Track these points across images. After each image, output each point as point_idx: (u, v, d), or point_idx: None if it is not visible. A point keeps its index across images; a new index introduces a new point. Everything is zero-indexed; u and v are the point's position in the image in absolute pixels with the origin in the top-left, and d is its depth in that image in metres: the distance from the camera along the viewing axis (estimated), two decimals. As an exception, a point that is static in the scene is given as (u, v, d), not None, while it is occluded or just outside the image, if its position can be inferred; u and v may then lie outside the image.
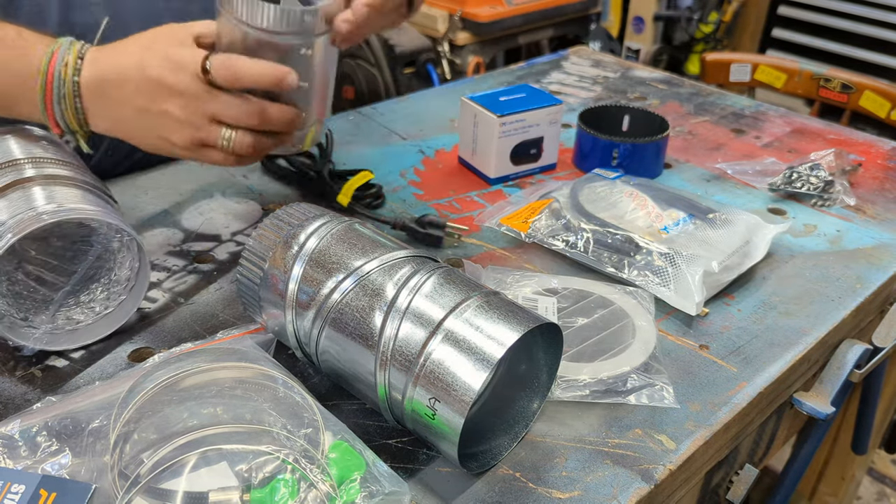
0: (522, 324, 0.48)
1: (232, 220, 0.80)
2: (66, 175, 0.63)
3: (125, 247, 0.63)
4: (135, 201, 0.82)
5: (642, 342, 0.61)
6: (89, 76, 0.63)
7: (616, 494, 0.50)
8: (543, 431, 0.55)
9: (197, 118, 0.64)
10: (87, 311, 0.62)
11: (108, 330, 0.62)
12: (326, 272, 0.53)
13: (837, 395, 0.70)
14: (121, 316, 0.63)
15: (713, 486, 0.66)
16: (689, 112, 1.11)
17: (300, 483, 0.44)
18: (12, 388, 0.57)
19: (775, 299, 0.70)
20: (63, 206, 0.58)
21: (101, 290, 0.63)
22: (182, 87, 0.62)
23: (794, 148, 1.00)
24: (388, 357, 0.48)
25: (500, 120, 0.84)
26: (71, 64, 0.63)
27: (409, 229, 0.76)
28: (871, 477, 1.71)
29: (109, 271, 0.63)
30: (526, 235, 0.76)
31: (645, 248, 0.70)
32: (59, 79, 0.63)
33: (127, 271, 0.63)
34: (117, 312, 0.63)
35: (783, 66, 1.56)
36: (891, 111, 1.43)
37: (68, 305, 0.62)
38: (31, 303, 0.61)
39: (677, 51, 3.02)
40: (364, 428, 0.54)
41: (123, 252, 0.63)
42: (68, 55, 0.63)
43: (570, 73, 1.25)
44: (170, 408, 0.48)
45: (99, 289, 0.63)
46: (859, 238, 0.80)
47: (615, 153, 0.88)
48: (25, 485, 0.44)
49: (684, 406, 0.57)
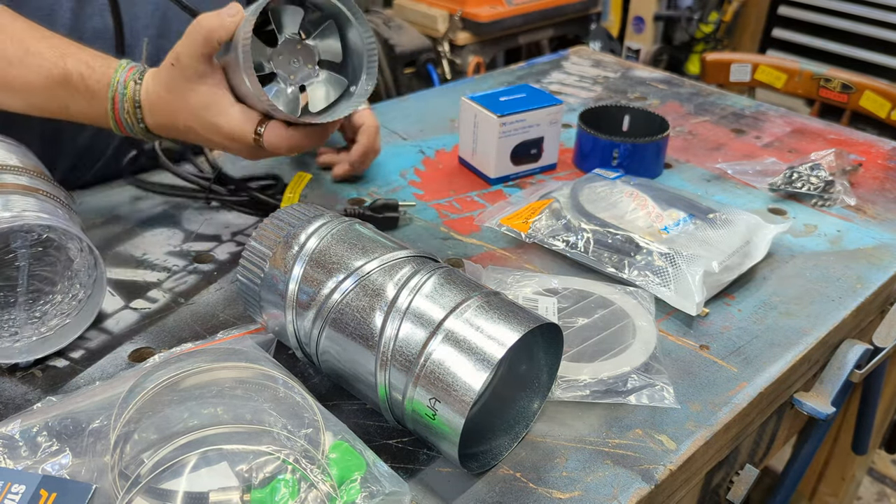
0: (523, 324, 0.47)
1: (232, 220, 0.80)
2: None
3: (54, 234, 0.61)
4: (135, 201, 0.82)
5: (643, 342, 0.61)
6: (152, 124, 0.68)
7: (616, 494, 0.50)
8: (544, 431, 0.55)
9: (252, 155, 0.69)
10: (66, 301, 0.61)
11: (92, 315, 0.62)
12: (327, 272, 0.53)
13: (838, 395, 0.70)
14: (98, 296, 0.62)
15: (713, 486, 0.66)
16: (690, 112, 1.11)
17: (300, 483, 0.44)
18: (12, 388, 0.57)
19: (776, 299, 0.70)
20: None
21: (66, 275, 0.62)
22: (236, 149, 0.67)
23: (795, 148, 1.00)
24: (389, 357, 0.48)
25: (500, 120, 0.84)
26: (131, 113, 0.67)
27: (366, 217, 0.76)
28: (872, 477, 1.70)
29: (62, 258, 0.62)
30: (526, 235, 0.76)
31: (645, 248, 0.70)
32: (127, 123, 0.67)
33: (76, 253, 0.62)
34: (94, 294, 0.62)
35: (783, 66, 1.56)
36: (891, 111, 1.43)
37: (42, 307, 0.61)
38: (6, 321, 0.60)
39: (677, 51, 3.02)
40: (364, 428, 0.54)
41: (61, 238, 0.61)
42: (126, 103, 0.66)
43: (571, 73, 1.25)
44: (170, 408, 0.48)
45: (63, 276, 0.62)
46: (860, 238, 0.80)
47: (615, 153, 0.88)
48: (26, 485, 0.44)
49: (685, 406, 0.57)
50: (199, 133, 0.66)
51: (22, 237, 0.61)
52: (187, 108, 0.65)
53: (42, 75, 0.66)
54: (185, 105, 0.65)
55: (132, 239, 0.76)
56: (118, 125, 0.67)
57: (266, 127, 0.64)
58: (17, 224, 0.57)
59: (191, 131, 0.66)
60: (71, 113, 0.68)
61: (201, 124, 0.65)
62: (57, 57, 0.66)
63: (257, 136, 0.64)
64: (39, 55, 0.66)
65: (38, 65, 0.66)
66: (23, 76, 0.66)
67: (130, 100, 0.66)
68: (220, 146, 0.67)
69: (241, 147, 0.66)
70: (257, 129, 0.64)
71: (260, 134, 0.64)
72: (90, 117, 0.68)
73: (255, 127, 0.64)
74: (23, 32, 0.67)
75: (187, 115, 0.65)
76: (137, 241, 0.75)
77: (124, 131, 0.68)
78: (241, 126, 0.64)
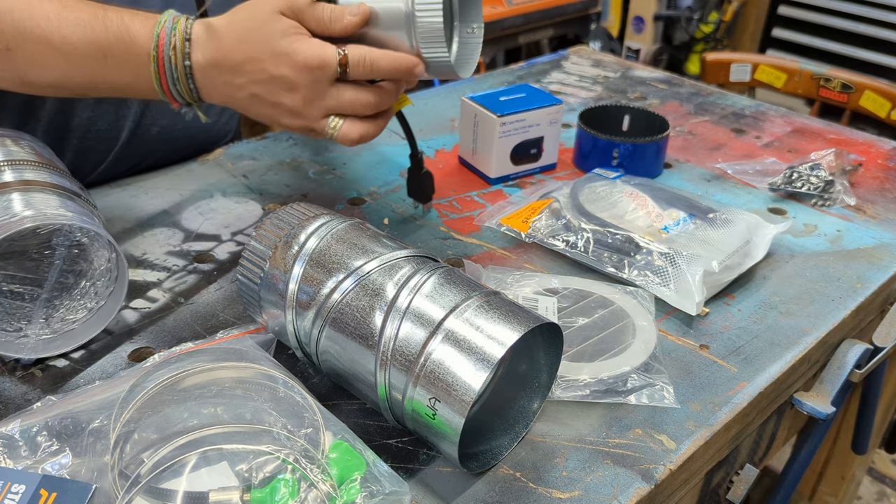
0: (523, 324, 0.47)
1: (232, 220, 0.80)
2: (15, 180, 0.62)
3: (94, 240, 0.62)
4: (135, 201, 0.82)
5: (642, 342, 0.61)
6: (200, 60, 0.64)
7: (616, 494, 0.50)
8: (544, 431, 0.55)
9: (311, 111, 0.65)
10: (80, 307, 0.62)
11: (101, 325, 0.62)
12: (327, 272, 0.53)
13: (838, 395, 0.70)
14: (113, 307, 0.62)
15: (713, 486, 0.66)
16: (690, 112, 1.11)
17: (300, 483, 0.44)
18: (12, 388, 0.57)
19: (775, 299, 0.70)
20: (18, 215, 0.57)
21: (85, 283, 0.62)
22: (304, 84, 0.63)
23: (795, 148, 1.00)
24: (389, 357, 0.48)
25: (500, 120, 0.84)
26: (179, 48, 0.63)
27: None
28: (871, 477, 1.71)
29: (89, 264, 0.63)
30: (526, 235, 0.76)
31: (645, 247, 0.70)
32: (170, 63, 0.64)
33: (104, 262, 0.62)
34: (109, 304, 0.62)
35: (783, 66, 1.56)
36: (891, 111, 1.43)
37: (56, 308, 0.61)
38: (18, 316, 0.60)
39: (677, 50, 3.02)
40: (364, 428, 0.54)
41: (95, 245, 0.62)
42: (174, 37, 0.63)
43: (571, 72, 1.25)
44: (170, 408, 0.48)
45: (83, 282, 0.62)
46: (859, 238, 0.80)
47: (615, 153, 0.88)
48: (26, 485, 0.44)
49: (684, 406, 0.57)
50: (263, 66, 0.62)
51: (64, 236, 0.61)
52: (258, 35, 0.62)
53: (81, 27, 0.63)
54: (254, 32, 0.62)
55: (132, 238, 0.76)
56: (158, 68, 0.64)
57: (348, 46, 0.62)
58: (75, 223, 0.58)
59: (248, 66, 0.63)
60: (108, 67, 0.65)
61: (272, 52, 0.62)
62: (97, 9, 0.64)
63: (342, 54, 0.62)
64: (78, 9, 0.64)
65: (76, 18, 0.64)
66: (61, 31, 0.64)
67: (180, 33, 0.63)
68: (283, 85, 0.63)
69: (315, 82, 0.62)
70: (341, 48, 0.62)
71: (345, 53, 0.62)
72: (128, 68, 0.65)
73: (337, 47, 0.62)
74: None
75: (254, 45, 0.62)
76: (137, 241, 0.75)
77: (163, 78, 0.64)
78: (321, 48, 0.62)
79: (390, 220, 0.81)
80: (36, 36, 0.64)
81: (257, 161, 0.92)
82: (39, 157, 0.67)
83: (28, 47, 0.64)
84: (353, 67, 0.63)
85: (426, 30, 0.63)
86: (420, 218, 0.81)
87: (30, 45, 0.64)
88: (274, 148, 0.95)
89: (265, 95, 0.64)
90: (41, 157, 0.67)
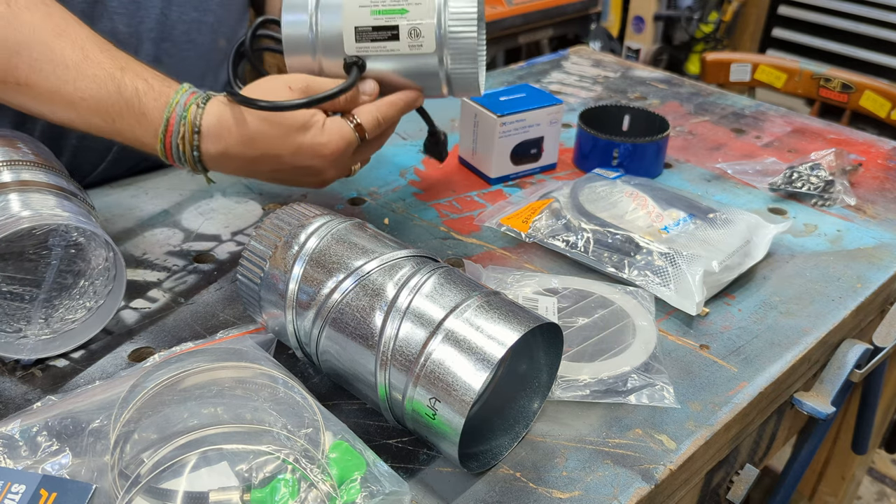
0: (523, 324, 0.47)
1: (232, 220, 0.80)
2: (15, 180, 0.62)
3: (90, 239, 0.62)
4: (135, 201, 0.82)
5: (643, 342, 0.61)
6: (211, 151, 0.64)
7: (616, 494, 0.50)
8: (544, 431, 0.55)
9: (337, 176, 0.70)
10: (79, 307, 0.62)
11: (101, 324, 0.62)
12: (327, 272, 0.53)
13: (838, 394, 0.70)
14: (112, 306, 0.62)
15: (713, 486, 0.66)
16: (690, 112, 1.11)
17: (300, 483, 0.44)
18: (12, 387, 0.57)
19: (776, 299, 0.70)
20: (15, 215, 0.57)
21: (83, 282, 0.62)
22: (331, 165, 0.67)
23: (795, 148, 1.00)
24: (389, 357, 0.48)
25: (500, 120, 0.84)
26: (188, 139, 0.63)
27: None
28: (872, 477, 1.71)
29: (87, 264, 0.63)
30: (526, 235, 0.76)
31: (645, 247, 0.70)
32: (178, 150, 0.64)
33: (102, 261, 0.62)
34: (108, 304, 0.62)
35: (783, 66, 1.56)
36: (891, 111, 1.43)
37: (55, 308, 0.61)
38: (17, 316, 0.60)
39: (677, 50, 3.02)
40: (364, 428, 0.54)
41: (92, 245, 0.62)
42: (184, 127, 0.63)
43: (571, 72, 1.25)
44: (170, 408, 0.48)
45: (81, 282, 0.62)
46: (860, 238, 0.80)
47: (615, 153, 0.88)
48: (26, 485, 0.44)
49: (685, 406, 0.57)
50: (284, 161, 0.64)
51: (60, 236, 0.61)
52: (274, 129, 0.63)
53: (97, 84, 0.63)
54: (271, 127, 0.63)
55: (132, 238, 0.76)
56: (165, 150, 0.64)
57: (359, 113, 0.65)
58: (71, 223, 0.58)
59: (267, 161, 0.64)
60: (116, 129, 0.64)
61: (294, 148, 0.64)
62: (115, 68, 0.63)
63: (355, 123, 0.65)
64: (98, 64, 0.63)
65: (94, 74, 0.63)
66: (76, 83, 0.63)
67: (189, 124, 0.63)
68: (309, 172, 0.66)
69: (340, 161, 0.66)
70: (352, 118, 0.65)
71: (356, 121, 0.65)
72: (136, 137, 0.65)
73: (349, 121, 0.65)
74: (85, 40, 0.64)
75: (272, 141, 0.63)
76: (137, 241, 0.75)
77: (171, 159, 0.65)
78: (340, 132, 0.64)
79: (390, 220, 0.81)
80: (51, 80, 0.63)
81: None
82: (37, 157, 0.67)
83: (40, 88, 0.63)
84: (370, 133, 0.66)
85: (461, 50, 0.65)
86: (419, 218, 0.81)
87: (43, 86, 0.63)
88: (274, 148, 0.95)
89: (288, 179, 0.69)
90: (38, 158, 0.67)
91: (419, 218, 0.81)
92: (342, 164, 0.68)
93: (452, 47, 0.65)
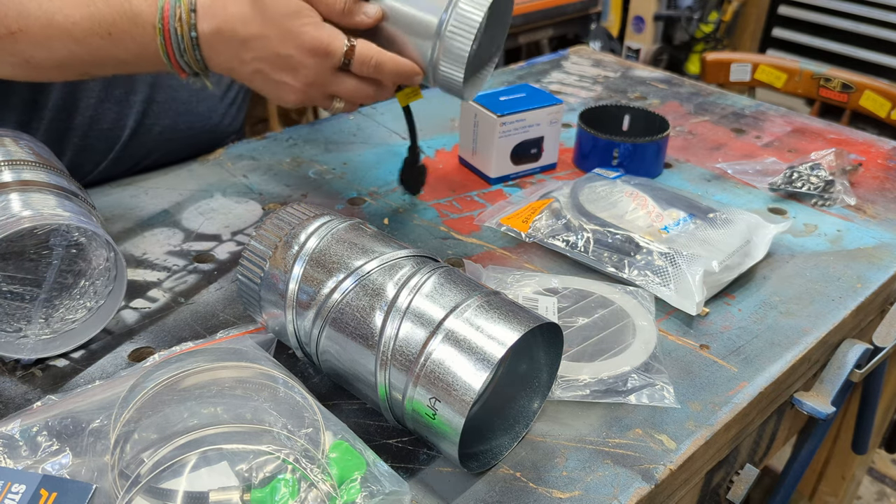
0: (523, 323, 0.47)
1: (232, 220, 0.80)
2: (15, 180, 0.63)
3: (91, 239, 0.62)
4: (135, 201, 0.82)
5: (643, 342, 0.61)
6: (206, 30, 0.63)
7: (616, 494, 0.50)
8: (544, 431, 0.55)
9: (313, 93, 0.66)
10: (80, 307, 0.61)
11: (101, 324, 0.62)
12: (327, 272, 0.53)
13: (838, 394, 0.70)
14: (112, 307, 0.62)
15: (713, 485, 0.66)
16: (690, 112, 1.11)
17: (301, 483, 0.44)
18: (12, 387, 0.57)
19: (776, 299, 0.70)
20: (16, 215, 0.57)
21: (84, 282, 0.62)
22: (307, 66, 0.63)
23: (795, 148, 1.00)
24: (389, 357, 0.48)
25: (500, 120, 0.84)
26: (185, 19, 0.63)
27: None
28: (872, 477, 1.71)
29: (88, 264, 0.63)
30: (526, 235, 0.76)
31: (645, 247, 0.70)
32: (177, 35, 0.63)
33: (102, 261, 0.62)
34: (108, 304, 0.62)
35: (783, 66, 1.56)
36: (891, 111, 1.43)
37: (55, 307, 0.61)
38: (17, 316, 0.60)
39: (677, 50, 3.02)
40: (364, 428, 0.54)
41: (93, 244, 0.62)
42: (179, 8, 0.62)
43: (571, 72, 1.25)
44: (170, 407, 0.48)
45: (82, 282, 0.62)
46: (860, 238, 0.80)
47: (615, 153, 0.88)
48: (26, 485, 0.44)
49: (685, 406, 0.57)
50: (270, 45, 0.62)
51: (61, 236, 0.62)
52: (266, 11, 0.62)
53: (83, 4, 0.63)
54: (265, 9, 0.61)
55: (132, 238, 0.76)
56: (165, 41, 0.63)
57: (359, 41, 0.63)
58: (72, 223, 0.58)
59: (255, 42, 0.63)
60: (113, 43, 0.64)
61: (280, 31, 0.62)
62: None
63: (349, 45, 0.62)
64: None
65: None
66: (63, 11, 0.63)
67: (185, 3, 0.62)
68: (287, 65, 0.63)
69: (318, 67, 0.63)
70: (349, 40, 0.62)
71: (351, 42, 0.62)
72: (134, 42, 0.64)
73: (346, 38, 0.62)
74: None
75: (262, 22, 0.62)
76: (137, 241, 0.75)
77: (171, 51, 0.63)
78: (330, 36, 0.62)
79: (390, 220, 0.81)
80: (39, 16, 0.64)
81: (257, 161, 0.92)
82: (38, 156, 0.67)
83: (32, 28, 0.64)
84: (356, 63, 0.63)
85: (452, 52, 0.63)
86: (419, 218, 0.81)
87: (34, 26, 0.64)
88: (274, 148, 0.95)
89: (269, 72, 0.65)
90: (39, 157, 0.67)
91: (419, 218, 0.81)
92: (322, 77, 0.64)
93: (445, 44, 0.64)
